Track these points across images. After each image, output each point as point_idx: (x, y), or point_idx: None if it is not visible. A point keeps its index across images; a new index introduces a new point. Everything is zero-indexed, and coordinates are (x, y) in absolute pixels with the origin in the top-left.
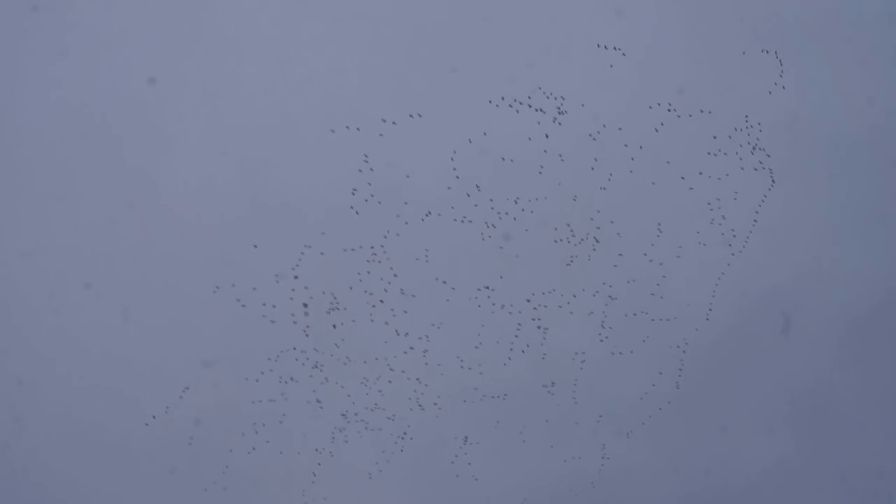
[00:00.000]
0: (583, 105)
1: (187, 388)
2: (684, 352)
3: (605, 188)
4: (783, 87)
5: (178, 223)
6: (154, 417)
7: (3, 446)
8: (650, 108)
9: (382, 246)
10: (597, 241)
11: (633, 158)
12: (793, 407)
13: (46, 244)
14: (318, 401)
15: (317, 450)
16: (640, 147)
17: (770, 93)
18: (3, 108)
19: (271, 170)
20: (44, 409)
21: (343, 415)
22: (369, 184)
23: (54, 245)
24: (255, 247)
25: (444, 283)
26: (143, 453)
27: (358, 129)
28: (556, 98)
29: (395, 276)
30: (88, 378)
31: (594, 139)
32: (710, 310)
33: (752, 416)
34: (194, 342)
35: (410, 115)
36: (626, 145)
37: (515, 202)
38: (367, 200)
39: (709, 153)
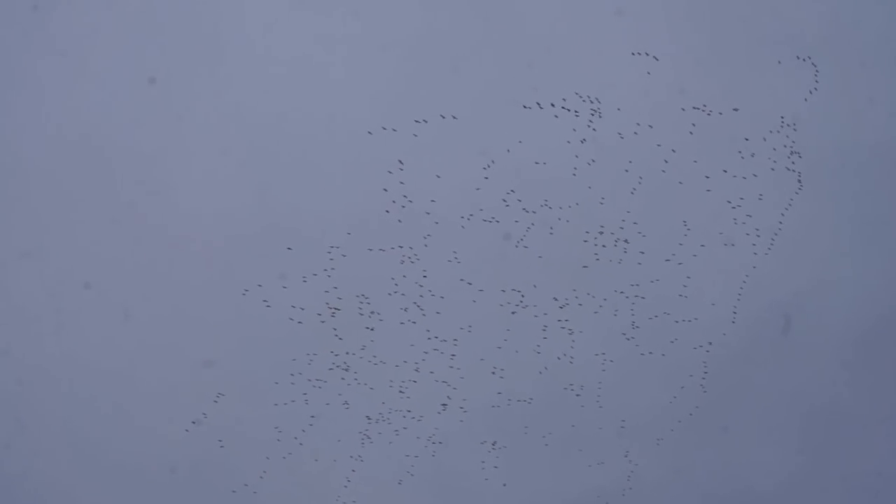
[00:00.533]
0: (618, 109)
1: (222, 395)
2: (707, 351)
3: (635, 189)
4: (816, 90)
5: (181, 221)
6: (194, 423)
7: (3, 447)
8: (683, 110)
9: (412, 248)
10: (627, 242)
11: (667, 161)
12: (798, 411)
13: (46, 244)
14: (345, 403)
15: (352, 457)
16: (673, 150)
17: (806, 99)
18: (2, 108)
19: (288, 170)
20: (44, 409)
21: (371, 418)
22: (401, 183)
23: (54, 245)
24: (289, 249)
25: (470, 284)
26: (145, 456)
27: (395, 129)
28: (592, 101)
29: (425, 276)
30: (89, 378)
31: (622, 138)
32: (735, 312)
33: (756, 421)
34: (196, 343)
35: (443, 116)
36: (658, 145)
37: (547, 205)
38: (404, 207)
39: (740, 152)
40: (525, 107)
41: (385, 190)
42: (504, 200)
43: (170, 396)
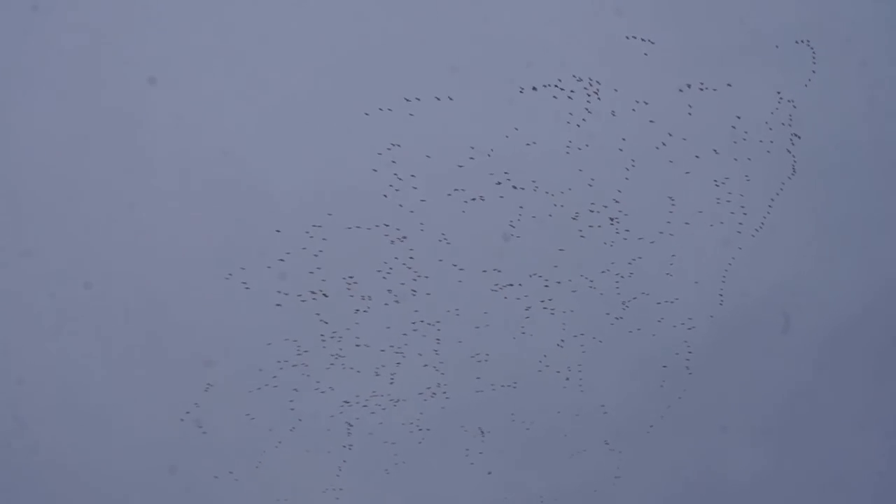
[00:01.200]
0: (616, 90)
1: (210, 385)
2: (689, 329)
3: (628, 169)
4: (814, 72)
5: (180, 220)
6: (196, 405)
7: (3, 446)
8: (680, 91)
9: (399, 229)
10: (618, 222)
11: (664, 143)
12: (786, 406)
13: (46, 244)
14: (331, 388)
15: (344, 446)
16: (670, 134)
17: (806, 85)
18: (2, 107)
19: (286, 166)
20: (44, 408)
21: (357, 404)
22: (394, 161)
23: (54, 245)
24: (278, 231)
25: (455, 265)
26: (143, 451)
27: (390, 109)
28: (590, 83)
29: (412, 257)
30: (89, 377)
31: (615, 115)
32: (722, 295)
33: (746, 416)
34: (196, 339)
35: (437, 98)
36: (651, 121)
37: (537, 187)
38: (397, 188)
39: (733, 127)
40: (521, 90)
41: (375, 171)
42: (497, 182)
43: (170, 393)
